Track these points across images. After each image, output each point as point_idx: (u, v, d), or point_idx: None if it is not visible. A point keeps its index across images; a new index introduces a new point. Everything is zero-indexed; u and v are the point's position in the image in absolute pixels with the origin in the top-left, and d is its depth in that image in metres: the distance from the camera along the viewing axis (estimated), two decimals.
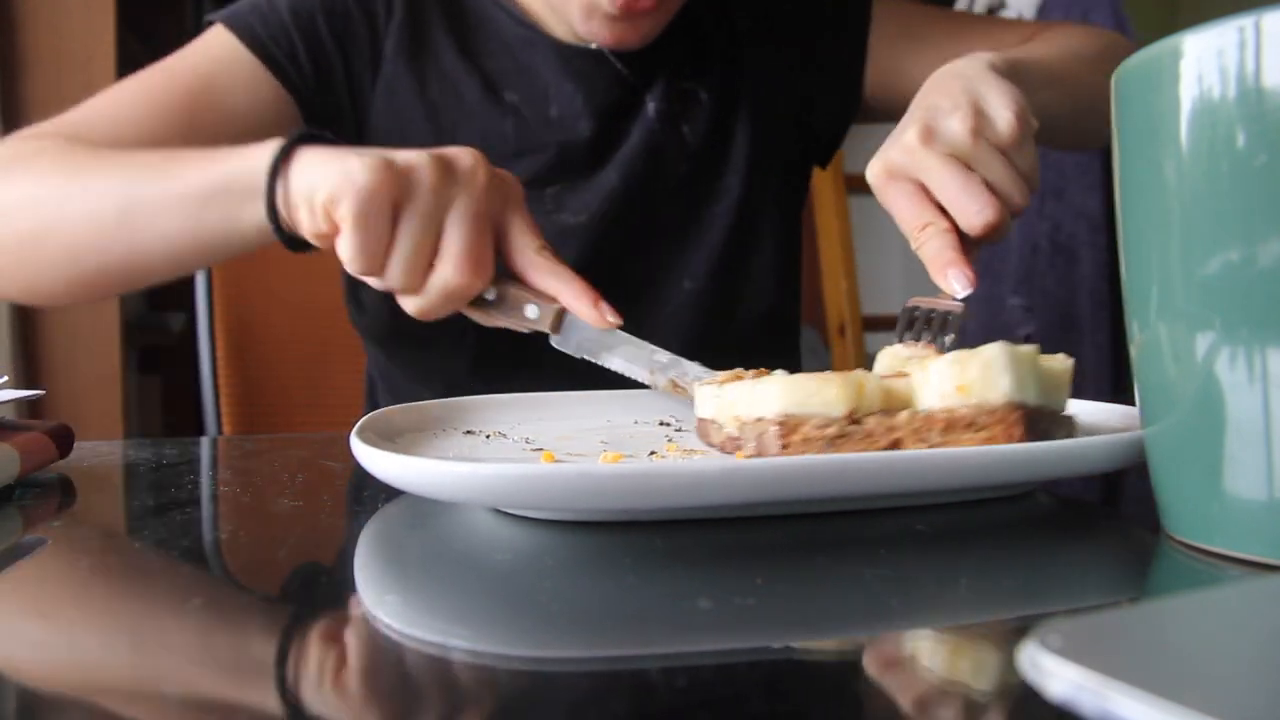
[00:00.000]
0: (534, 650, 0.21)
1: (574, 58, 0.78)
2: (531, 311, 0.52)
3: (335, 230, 0.49)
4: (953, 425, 0.31)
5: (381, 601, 0.24)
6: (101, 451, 0.51)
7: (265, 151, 0.52)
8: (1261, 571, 0.25)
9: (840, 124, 0.88)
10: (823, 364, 1.52)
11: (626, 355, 0.52)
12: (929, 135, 0.49)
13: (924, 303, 0.49)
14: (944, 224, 0.48)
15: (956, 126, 0.49)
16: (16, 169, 0.62)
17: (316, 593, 0.26)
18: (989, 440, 0.30)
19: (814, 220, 2.03)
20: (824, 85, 0.86)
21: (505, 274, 0.53)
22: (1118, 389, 1.46)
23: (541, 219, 0.74)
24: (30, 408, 1.17)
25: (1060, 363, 0.35)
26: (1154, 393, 0.28)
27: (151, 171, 0.57)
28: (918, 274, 0.52)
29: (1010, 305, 1.63)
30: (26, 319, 1.49)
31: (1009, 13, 1.75)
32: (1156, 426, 0.28)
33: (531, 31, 0.78)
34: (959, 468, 0.29)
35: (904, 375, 0.34)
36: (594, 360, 0.52)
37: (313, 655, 0.21)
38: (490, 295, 0.51)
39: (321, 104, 0.74)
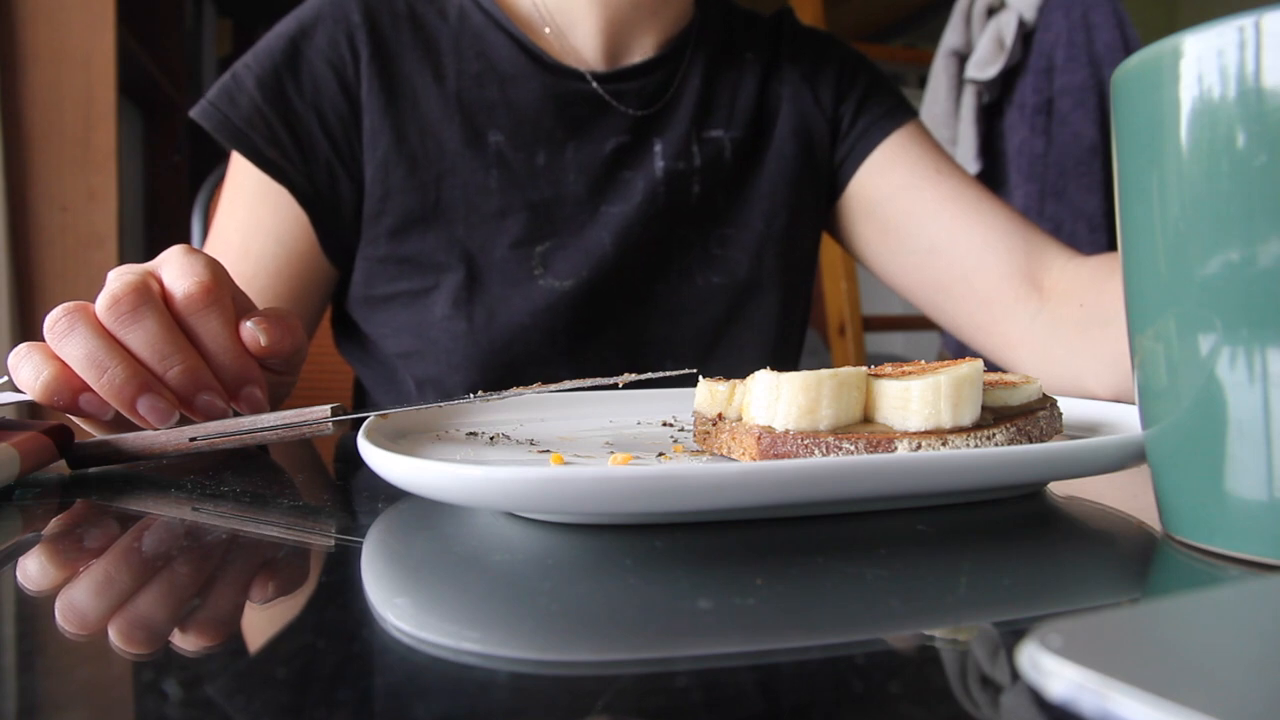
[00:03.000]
0: (533, 652, 0.21)
1: (573, 101, 0.74)
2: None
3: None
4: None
5: (391, 604, 0.24)
6: None
7: None
8: (1261, 571, 0.25)
9: (839, 178, 0.85)
10: (823, 364, 1.52)
11: None
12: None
13: None
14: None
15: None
16: None
17: (321, 594, 0.26)
18: None
19: None
20: (836, 136, 0.84)
21: None
22: None
23: (527, 283, 0.73)
24: (30, 408, 1.17)
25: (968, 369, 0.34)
26: (1154, 393, 0.28)
27: None
28: None
29: None
30: (26, 320, 1.49)
31: (1009, 13, 1.75)
32: (1157, 427, 0.28)
33: (526, 59, 0.74)
34: (962, 469, 0.29)
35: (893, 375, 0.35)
36: None
37: (321, 659, 0.21)
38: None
39: (312, 179, 0.71)
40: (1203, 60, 0.25)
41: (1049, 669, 0.15)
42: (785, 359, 0.83)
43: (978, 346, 0.79)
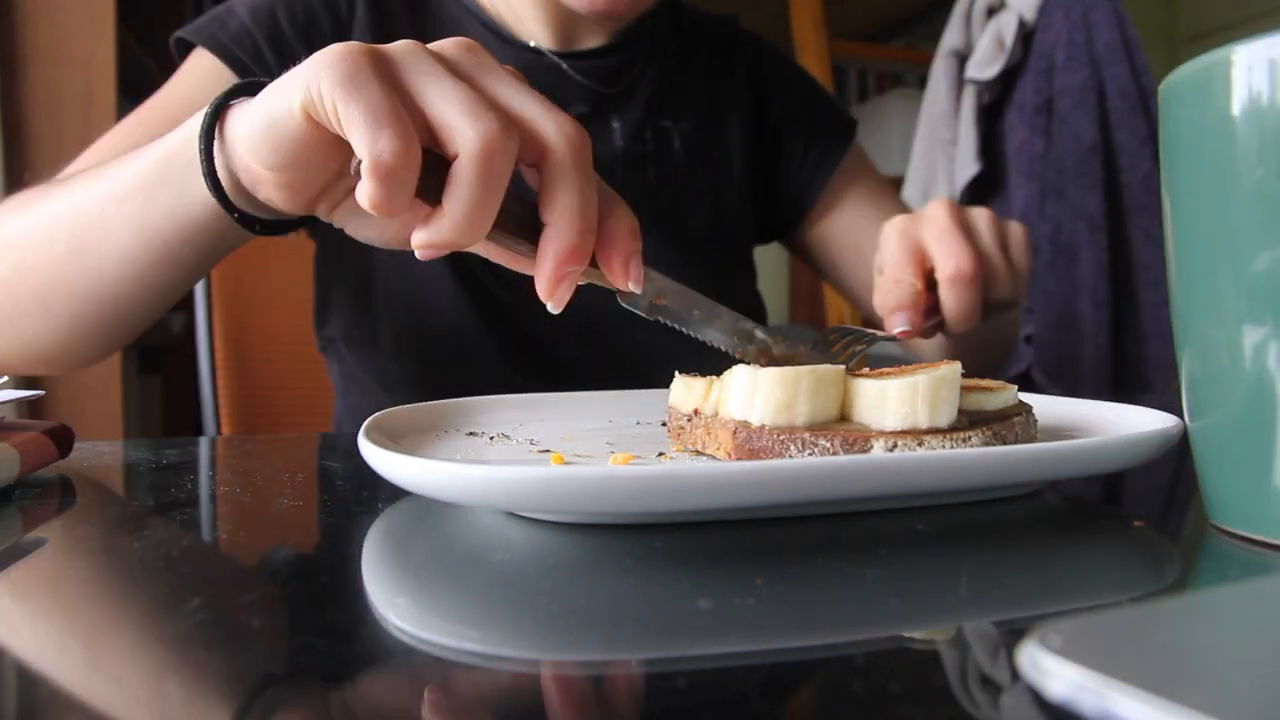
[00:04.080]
0: (534, 652, 0.21)
1: (532, 69, 0.76)
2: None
3: (325, 137, 0.36)
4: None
5: (392, 604, 0.24)
6: (101, 451, 0.51)
7: (199, 113, 0.43)
8: None
9: (786, 216, 0.89)
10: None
11: (716, 326, 0.44)
12: (955, 210, 0.56)
13: (850, 328, 0.51)
14: (918, 284, 0.53)
15: (980, 219, 0.57)
16: None
17: (322, 595, 0.26)
18: None
19: None
20: (786, 170, 0.88)
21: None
22: (1117, 389, 1.46)
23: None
24: (30, 408, 1.17)
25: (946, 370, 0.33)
26: (1202, 388, 0.29)
27: (94, 180, 0.50)
28: None
29: None
30: None
31: (1009, 13, 1.75)
32: (1203, 420, 0.29)
33: (492, 37, 0.77)
34: (966, 469, 0.29)
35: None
36: (675, 325, 0.43)
37: (322, 659, 0.21)
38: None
39: None
40: (1253, 69, 0.26)
41: (1049, 669, 0.15)
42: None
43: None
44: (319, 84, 0.34)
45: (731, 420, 0.34)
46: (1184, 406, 0.31)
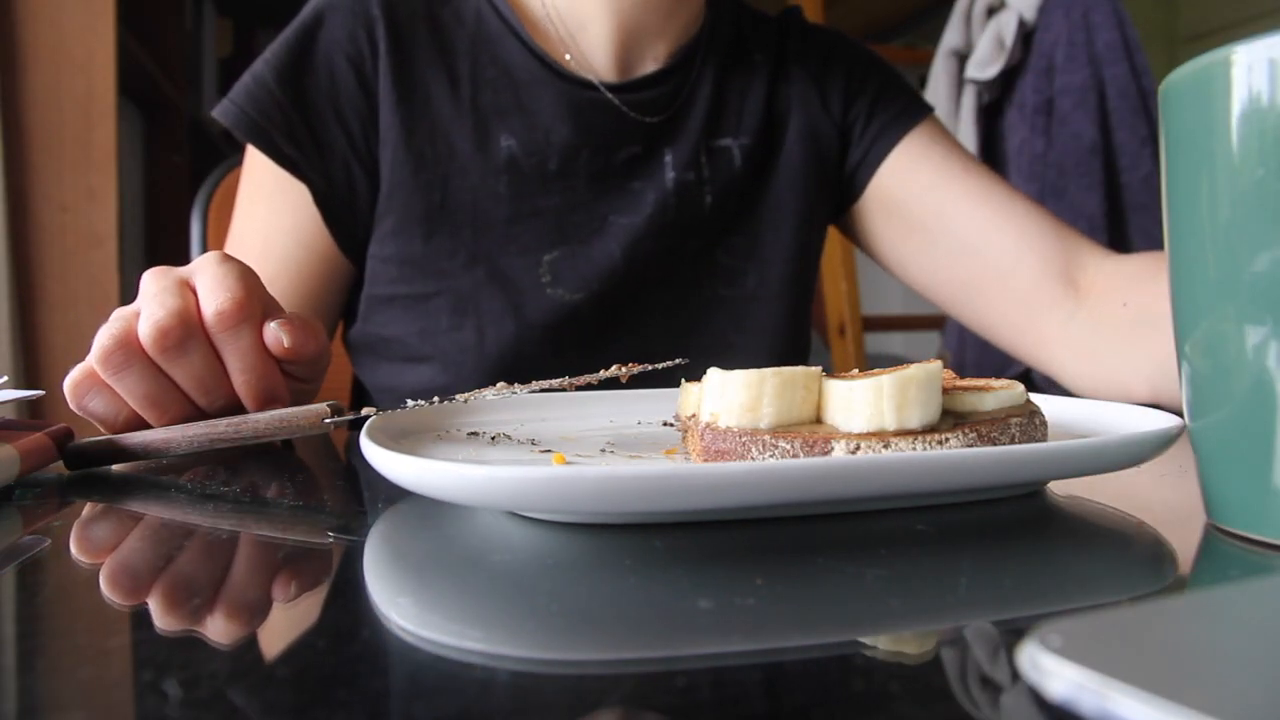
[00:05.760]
0: (535, 651, 0.21)
1: (586, 109, 0.74)
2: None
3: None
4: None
5: (394, 604, 0.24)
6: None
7: None
8: None
9: (844, 194, 0.84)
10: (824, 364, 1.51)
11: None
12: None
13: None
14: None
15: None
16: None
17: (324, 594, 0.26)
18: None
19: None
20: (848, 141, 0.83)
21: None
22: None
23: (535, 293, 0.72)
24: (30, 408, 1.17)
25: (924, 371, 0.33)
26: (1203, 388, 0.29)
27: None
28: None
29: None
30: (26, 319, 1.49)
31: (1009, 13, 1.75)
32: (1204, 420, 0.29)
33: (541, 66, 0.74)
34: (967, 469, 0.29)
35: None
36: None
37: (324, 658, 0.21)
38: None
39: (329, 176, 0.71)
40: (1253, 69, 0.26)
41: (1049, 669, 0.15)
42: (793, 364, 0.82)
43: (1010, 345, 0.79)
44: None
45: (702, 423, 0.34)
46: (1184, 406, 0.31)
